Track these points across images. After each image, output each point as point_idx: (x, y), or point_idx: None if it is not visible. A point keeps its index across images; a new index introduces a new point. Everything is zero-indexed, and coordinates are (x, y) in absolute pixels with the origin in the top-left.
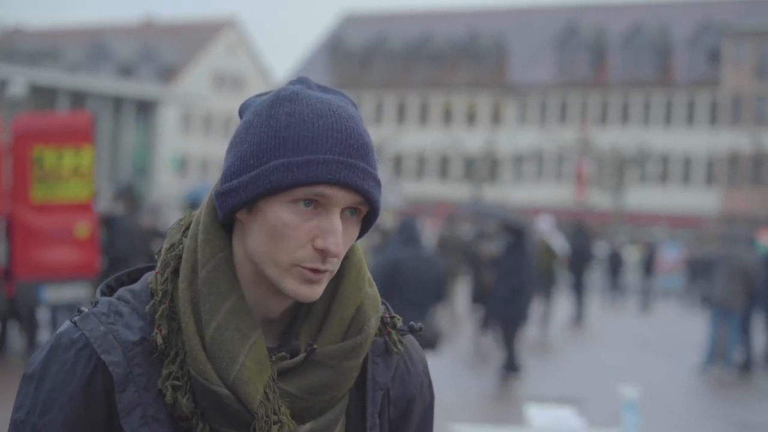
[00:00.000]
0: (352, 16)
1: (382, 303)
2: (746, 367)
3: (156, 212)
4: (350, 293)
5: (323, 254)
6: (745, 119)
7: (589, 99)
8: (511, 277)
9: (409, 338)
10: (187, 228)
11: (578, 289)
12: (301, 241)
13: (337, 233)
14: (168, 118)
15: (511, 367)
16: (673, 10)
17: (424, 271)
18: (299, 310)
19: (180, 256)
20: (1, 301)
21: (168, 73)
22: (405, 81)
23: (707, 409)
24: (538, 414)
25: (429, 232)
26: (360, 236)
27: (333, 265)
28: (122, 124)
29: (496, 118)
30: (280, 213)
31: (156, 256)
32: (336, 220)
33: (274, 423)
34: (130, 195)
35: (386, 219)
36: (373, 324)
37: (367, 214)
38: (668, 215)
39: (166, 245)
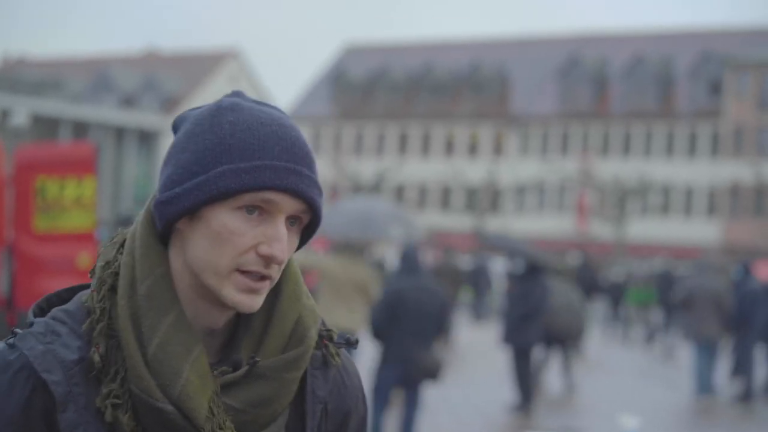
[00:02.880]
0: (355, 47)
1: (319, 316)
2: (746, 397)
3: None
4: (289, 306)
5: (267, 260)
6: (747, 150)
7: (591, 130)
8: (522, 304)
9: (344, 352)
10: (122, 245)
11: None
12: (244, 248)
13: (282, 239)
14: None
15: (525, 399)
16: (675, 41)
17: (426, 301)
18: (239, 323)
19: (117, 273)
20: (4, 331)
21: (170, 104)
22: (407, 112)
23: None
24: None
25: (429, 263)
26: (299, 247)
27: (275, 272)
28: (124, 154)
29: (498, 149)
30: (225, 219)
31: (90, 275)
32: (281, 227)
33: None
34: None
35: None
36: (313, 335)
37: (308, 224)
38: (669, 246)
39: (100, 263)
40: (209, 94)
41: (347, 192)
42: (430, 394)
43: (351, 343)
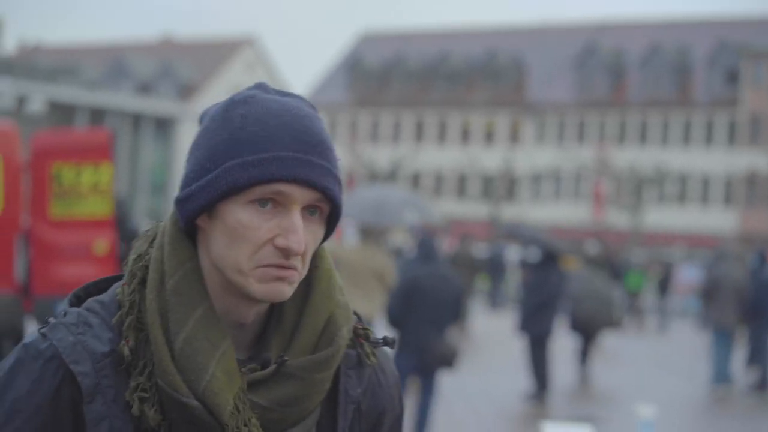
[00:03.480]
0: (371, 34)
1: (354, 313)
2: (761, 387)
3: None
4: (321, 303)
5: (285, 252)
6: (764, 139)
7: (608, 118)
8: (538, 293)
9: (382, 351)
10: (154, 238)
11: None
12: (261, 242)
13: (298, 231)
14: (186, 135)
15: (540, 388)
16: (692, 30)
17: (442, 289)
18: (270, 320)
19: (147, 267)
20: (20, 318)
21: (186, 91)
22: (423, 99)
23: (723, 429)
24: None
25: (446, 251)
26: (326, 237)
27: (298, 263)
28: (141, 141)
29: (514, 137)
30: (239, 215)
31: (123, 267)
32: (296, 218)
33: None
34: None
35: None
36: (345, 334)
37: (330, 214)
38: (686, 235)
39: (133, 256)
40: (225, 81)
41: (363, 180)
42: (445, 382)
43: (388, 343)
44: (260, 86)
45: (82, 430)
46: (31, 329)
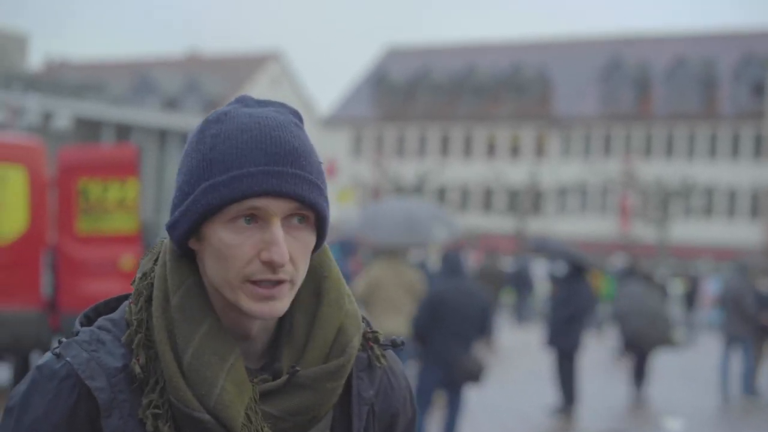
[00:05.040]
0: (396, 49)
1: (363, 319)
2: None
3: None
4: (331, 314)
5: (270, 266)
6: None
7: (633, 131)
8: (566, 307)
9: (390, 353)
10: (158, 256)
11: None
12: (246, 258)
13: (279, 243)
14: None
15: (567, 402)
16: (717, 43)
17: (467, 303)
18: (281, 328)
19: (152, 285)
20: (47, 333)
21: (212, 106)
22: (449, 113)
23: None
24: None
25: (472, 265)
26: (320, 243)
27: (288, 274)
28: (167, 156)
29: (540, 151)
30: (221, 234)
31: (132, 285)
32: (276, 231)
33: None
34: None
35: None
36: (355, 343)
37: (318, 219)
38: (712, 248)
39: (138, 274)
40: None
41: (389, 194)
42: (472, 396)
43: (396, 345)
44: (240, 100)
45: None
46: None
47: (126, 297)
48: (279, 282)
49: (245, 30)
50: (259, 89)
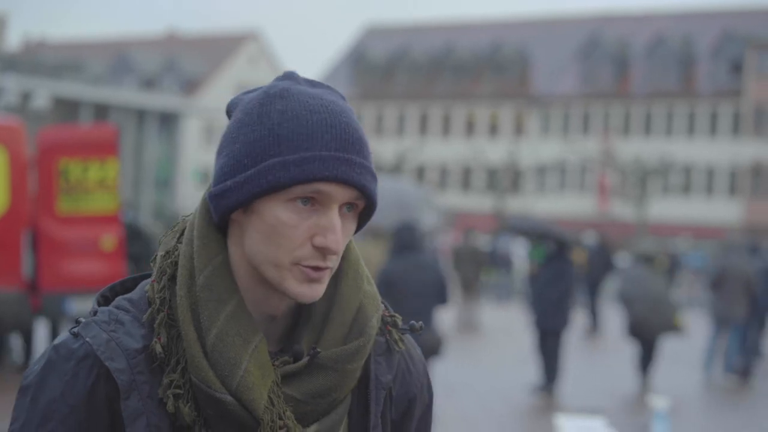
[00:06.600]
0: (375, 27)
1: (381, 301)
2: (744, 373)
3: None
4: (350, 294)
5: (323, 252)
6: None
7: (612, 110)
8: (555, 287)
9: (408, 338)
10: (182, 234)
11: (594, 299)
12: (300, 240)
13: (336, 230)
14: (191, 131)
15: (549, 380)
16: (697, 21)
17: (420, 279)
18: (300, 312)
19: (176, 263)
20: (27, 314)
21: (191, 86)
22: (428, 92)
23: (737, 419)
24: (568, 425)
25: (451, 244)
26: (356, 231)
27: (333, 262)
28: (145, 136)
29: (519, 130)
30: (278, 212)
31: (151, 264)
32: (335, 217)
33: (280, 428)
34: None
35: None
36: (374, 324)
37: (363, 209)
38: (691, 226)
39: (161, 252)
40: (230, 75)
41: None
42: (454, 375)
43: (415, 330)
44: (291, 77)
45: (118, 427)
46: (39, 326)
47: (143, 277)
48: (325, 268)
49: (224, 9)
50: (238, 69)
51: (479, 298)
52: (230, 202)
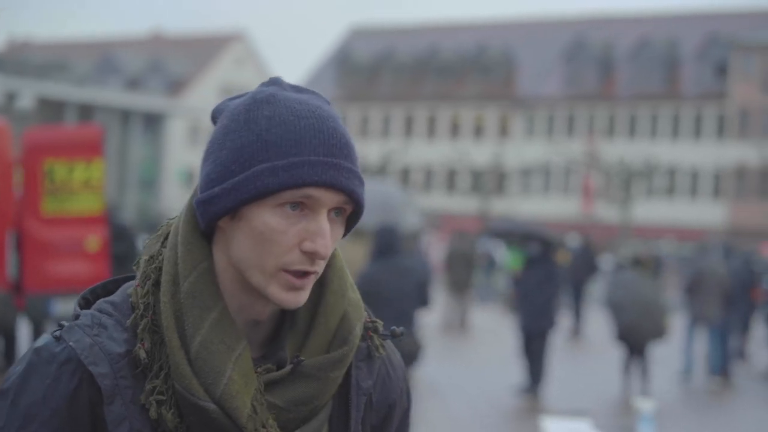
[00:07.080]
0: (360, 29)
1: (365, 309)
2: (724, 373)
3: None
4: (334, 302)
5: (312, 257)
6: (753, 132)
7: (597, 112)
8: (541, 289)
9: (389, 344)
10: (166, 238)
11: (578, 301)
12: (289, 245)
13: (325, 235)
14: (176, 131)
15: (534, 381)
16: (681, 24)
17: (400, 283)
18: (284, 317)
19: (160, 269)
20: (12, 315)
21: (176, 86)
22: (413, 94)
23: (722, 420)
24: (553, 427)
25: (436, 245)
26: (344, 236)
27: (320, 267)
28: (130, 136)
29: (504, 131)
30: (266, 218)
31: (135, 268)
32: (324, 222)
33: None
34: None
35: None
36: (358, 332)
37: (350, 213)
38: (675, 228)
39: (145, 257)
40: (215, 76)
41: None
42: (441, 377)
43: (396, 335)
44: (276, 82)
45: None
46: (22, 327)
47: (125, 279)
48: (309, 273)
49: (209, 10)
50: (223, 69)
51: (471, 299)
52: (218, 208)
